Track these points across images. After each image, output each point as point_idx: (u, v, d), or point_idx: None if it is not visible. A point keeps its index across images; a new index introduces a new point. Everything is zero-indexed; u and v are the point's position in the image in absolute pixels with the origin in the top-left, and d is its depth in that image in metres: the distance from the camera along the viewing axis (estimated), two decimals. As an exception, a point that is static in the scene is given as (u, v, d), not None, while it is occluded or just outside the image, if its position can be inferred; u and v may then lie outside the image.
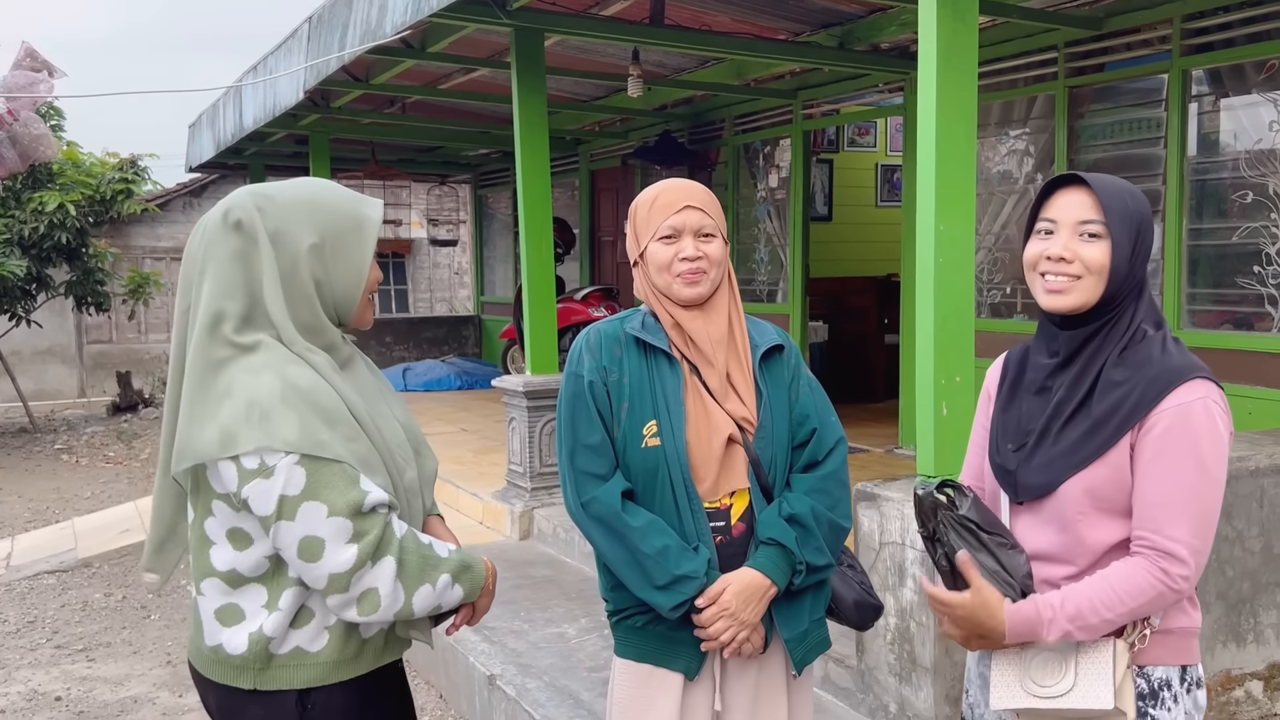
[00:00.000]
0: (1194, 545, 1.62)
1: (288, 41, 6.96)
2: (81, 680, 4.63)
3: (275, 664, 1.71)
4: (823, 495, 2.01)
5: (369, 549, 1.63)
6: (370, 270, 1.80)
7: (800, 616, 2.02)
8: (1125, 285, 1.69)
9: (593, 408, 1.98)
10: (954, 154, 3.16)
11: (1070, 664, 1.67)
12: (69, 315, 15.08)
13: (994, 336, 6.23)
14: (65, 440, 11.57)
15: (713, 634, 1.93)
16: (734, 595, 1.93)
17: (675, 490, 1.95)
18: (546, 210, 5.81)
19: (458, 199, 12.67)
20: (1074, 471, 1.67)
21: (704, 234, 1.99)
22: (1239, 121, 5.14)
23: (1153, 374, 1.64)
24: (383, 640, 1.79)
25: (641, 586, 1.94)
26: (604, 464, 1.97)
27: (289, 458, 1.60)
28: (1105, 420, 1.65)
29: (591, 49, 6.94)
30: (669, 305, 2.01)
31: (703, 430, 1.96)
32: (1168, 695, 1.69)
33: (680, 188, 2.03)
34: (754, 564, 1.95)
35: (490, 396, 9.87)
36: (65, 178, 11.68)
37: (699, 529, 1.95)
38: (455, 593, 1.75)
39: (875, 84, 7.27)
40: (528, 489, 5.71)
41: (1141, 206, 1.72)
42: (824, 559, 2.00)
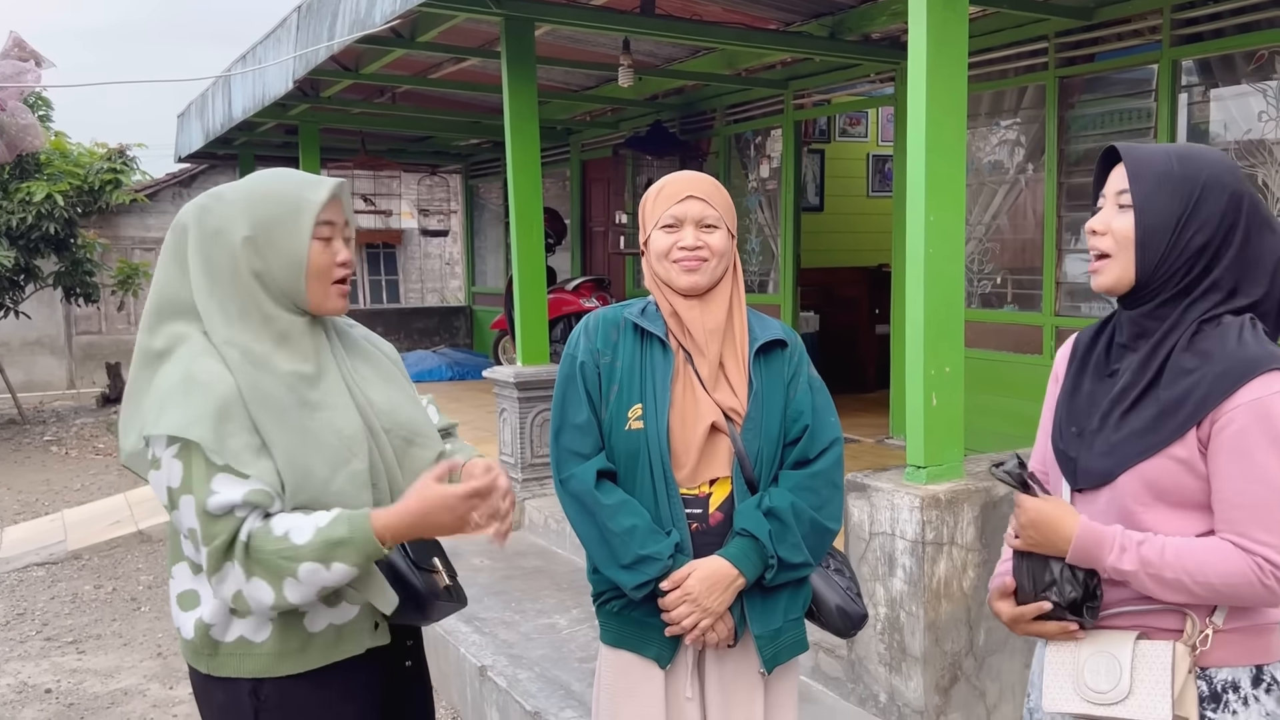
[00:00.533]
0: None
1: (276, 31, 6.92)
2: (71, 672, 4.62)
3: (223, 651, 1.76)
4: (808, 493, 2.00)
5: (217, 554, 1.64)
6: (316, 254, 1.76)
7: (774, 614, 2.01)
8: (1170, 259, 1.57)
9: (581, 388, 2.02)
10: (944, 144, 3.16)
11: (1125, 669, 1.57)
12: (58, 306, 15.01)
13: (984, 327, 6.24)
14: (54, 432, 11.53)
15: (675, 618, 1.94)
16: (698, 581, 1.93)
17: (654, 474, 1.96)
18: (537, 200, 5.80)
19: (448, 189, 12.63)
20: (1136, 461, 1.58)
21: (706, 224, 2.00)
22: (1229, 112, 5.15)
23: (1225, 365, 1.52)
24: (335, 635, 1.78)
25: (608, 564, 1.97)
26: (587, 443, 2.00)
27: (170, 449, 1.66)
28: (1172, 410, 1.55)
29: (582, 39, 6.91)
30: (669, 293, 2.03)
31: (687, 416, 1.97)
32: (1234, 698, 1.57)
33: (685, 178, 2.04)
34: (723, 553, 1.96)
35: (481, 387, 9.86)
36: (53, 168, 11.60)
37: (674, 514, 1.97)
38: (336, 572, 1.65)
39: (866, 74, 7.26)
40: (519, 480, 5.71)
41: (1196, 172, 1.57)
42: (800, 557, 1.98)
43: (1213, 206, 1.56)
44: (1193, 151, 1.61)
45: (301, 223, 1.75)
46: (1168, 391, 1.56)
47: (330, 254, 1.79)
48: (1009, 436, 5.46)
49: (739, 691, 2.03)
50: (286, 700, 1.77)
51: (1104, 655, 1.60)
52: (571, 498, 2.00)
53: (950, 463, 3.18)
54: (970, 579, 3.10)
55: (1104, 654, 1.60)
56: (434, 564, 1.86)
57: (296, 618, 1.75)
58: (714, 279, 2.01)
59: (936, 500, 3.03)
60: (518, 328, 5.81)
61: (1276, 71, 4.89)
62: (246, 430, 1.67)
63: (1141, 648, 1.58)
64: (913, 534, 3.02)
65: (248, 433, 1.67)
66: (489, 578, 4.78)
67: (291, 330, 1.77)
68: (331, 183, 1.80)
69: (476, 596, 4.47)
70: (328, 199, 1.77)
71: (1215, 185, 1.57)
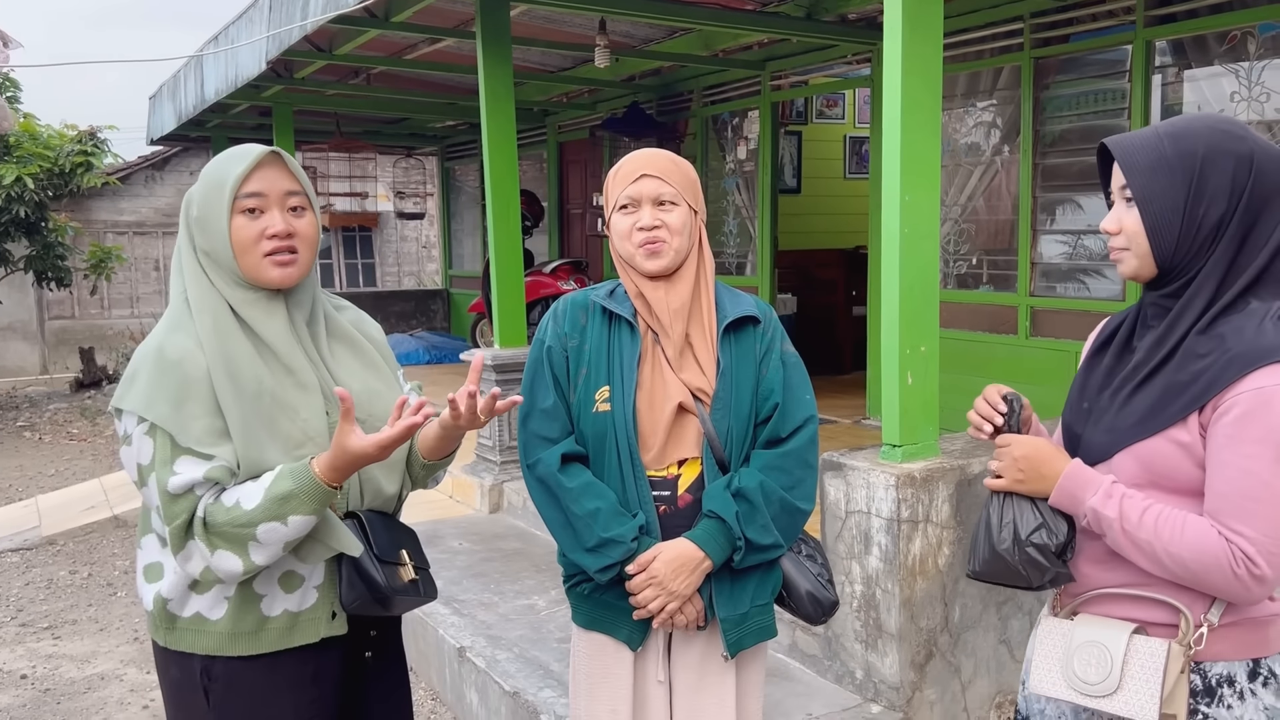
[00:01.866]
0: (1267, 545, 1.45)
1: (248, 11, 6.84)
2: (47, 658, 4.59)
3: (179, 626, 1.77)
4: (779, 473, 1.96)
5: (179, 533, 1.66)
6: (239, 227, 1.73)
7: (741, 598, 1.99)
8: (1188, 240, 1.52)
9: (549, 373, 2.01)
10: (919, 124, 3.17)
11: (1117, 663, 1.54)
12: (29, 291, 14.84)
13: (961, 308, 6.28)
14: (28, 417, 11.41)
15: (641, 602, 1.94)
16: (664, 564, 1.91)
17: (620, 456, 1.95)
18: (514, 183, 5.77)
19: (424, 171, 12.55)
20: (1132, 440, 1.55)
21: (662, 202, 1.96)
22: (1201, 93, 5.18)
23: (1237, 351, 1.47)
24: (290, 621, 1.78)
25: (573, 548, 1.96)
26: (555, 428, 1.99)
27: (141, 425, 1.67)
28: (1177, 392, 1.51)
29: (558, 19, 6.87)
30: (633, 275, 2.01)
31: (655, 397, 1.96)
32: (1229, 692, 1.54)
33: (640, 157, 2.01)
34: (690, 535, 1.94)
35: (459, 370, 9.84)
36: (22, 150, 11.44)
37: (641, 496, 1.95)
38: (294, 525, 1.66)
39: (843, 55, 7.26)
40: (497, 462, 5.71)
41: (1192, 147, 1.51)
42: (769, 538, 1.95)
43: (1219, 179, 1.50)
44: (1184, 126, 1.55)
45: (223, 197, 1.74)
46: (1177, 373, 1.52)
47: (256, 226, 1.75)
48: (984, 416, 5.49)
49: (709, 675, 2.02)
50: (236, 681, 1.77)
51: (1096, 646, 1.57)
52: (538, 482, 1.99)
53: (925, 441, 3.20)
54: (945, 556, 3.13)
55: (1096, 644, 1.57)
56: (400, 556, 1.84)
57: (254, 600, 1.76)
58: (678, 259, 1.97)
59: (912, 478, 3.05)
60: (495, 311, 5.80)
61: (1249, 52, 4.93)
62: (210, 412, 1.68)
63: (1136, 643, 1.55)
64: (888, 512, 3.05)
65: (211, 415, 1.68)
66: (468, 559, 4.79)
67: (245, 306, 1.76)
68: (257, 151, 1.76)
69: (455, 579, 4.47)
70: (247, 170, 1.74)
71: (1216, 155, 1.51)
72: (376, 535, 1.81)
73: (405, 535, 1.91)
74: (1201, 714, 1.55)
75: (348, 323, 1.95)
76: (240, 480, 1.69)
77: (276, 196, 1.77)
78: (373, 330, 2.00)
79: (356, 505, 1.84)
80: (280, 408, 1.73)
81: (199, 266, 1.77)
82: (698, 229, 2.02)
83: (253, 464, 1.69)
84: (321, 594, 1.80)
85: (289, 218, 1.78)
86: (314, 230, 1.82)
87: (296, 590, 1.78)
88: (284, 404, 1.74)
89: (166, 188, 16.40)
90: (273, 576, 1.76)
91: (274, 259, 1.76)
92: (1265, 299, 1.51)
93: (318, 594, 1.80)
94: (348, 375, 1.86)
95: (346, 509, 1.83)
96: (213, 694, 1.77)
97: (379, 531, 1.82)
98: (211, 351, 1.70)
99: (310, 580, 1.79)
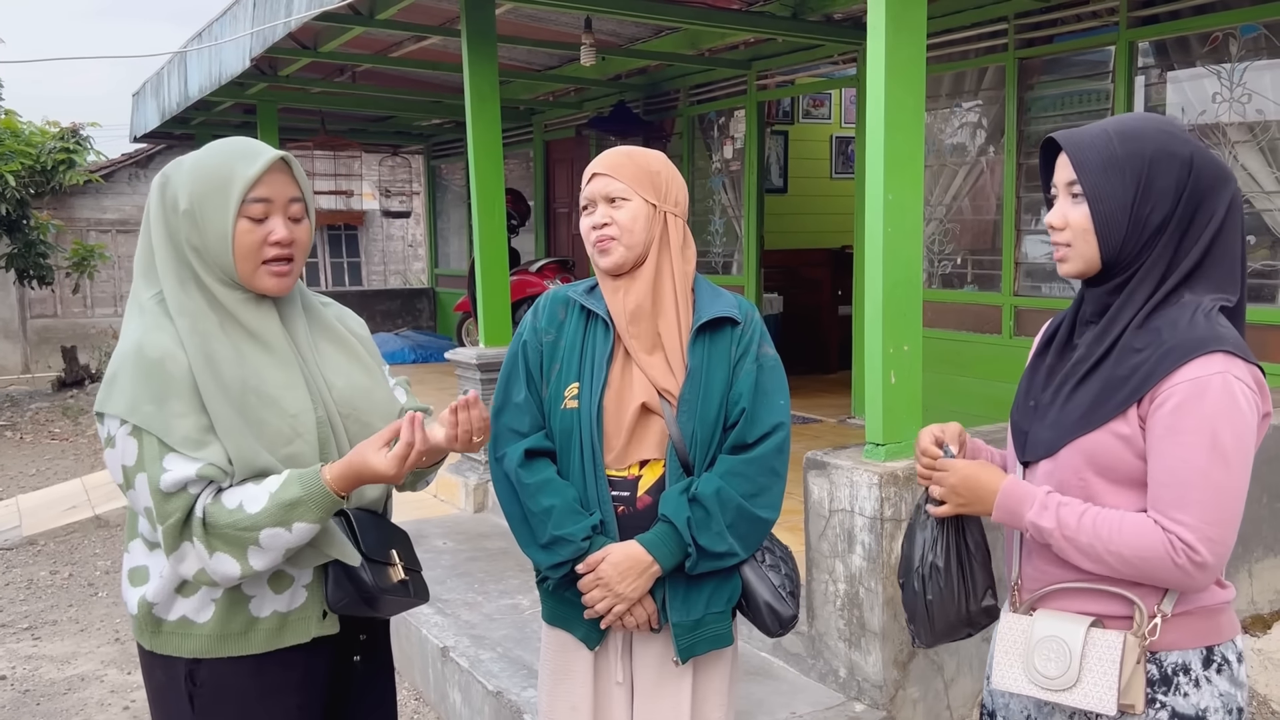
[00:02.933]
0: (1206, 532, 1.48)
1: (233, 7, 6.81)
2: (27, 659, 4.56)
3: (165, 629, 1.75)
4: (740, 480, 1.91)
5: (173, 532, 1.63)
6: (243, 232, 1.71)
7: (695, 605, 1.95)
8: (1134, 239, 1.55)
9: (523, 367, 2.01)
10: (902, 124, 3.17)
11: (1075, 656, 1.57)
12: (11, 289, 14.74)
13: (945, 307, 6.30)
14: (9, 417, 11.32)
15: (589, 601, 1.93)
16: (611, 566, 1.90)
17: (583, 453, 1.94)
18: (499, 181, 5.76)
19: (410, 170, 12.51)
20: (1076, 435, 1.58)
21: (613, 199, 1.95)
22: (1184, 94, 5.21)
23: (1172, 344, 1.51)
24: (279, 622, 1.76)
25: (528, 543, 1.97)
26: (525, 422, 1.99)
27: (123, 427, 1.65)
28: (1116, 386, 1.55)
29: (544, 17, 6.86)
30: (598, 273, 2.02)
31: (621, 396, 1.94)
32: (1185, 680, 1.57)
33: (598, 158, 2.01)
34: (641, 538, 1.92)
35: (444, 369, 9.80)
36: (4, 147, 11.34)
37: (599, 495, 1.94)
38: (298, 532, 1.65)
39: (829, 55, 7.28)
40: (481, 461, 5.69)
41: (1141, 148, 1.54)
42: (723, 546, 1.91)
43: (1165, 180, 1.54)
44: (1132, 126, 1.58)
45: (229, 199, 1.70)
46: (1116, 368, 1.56)
47: (260, 233, 1.72)
48: (969, 415, 5.50)
49: (666, 679, 2.01)
50: (222, 684, 1.75)
51: (1055, 641, 1.60)
52: (503, 476, 1.99)
53: (909, 440, 3.21)
54: (928, 555, 3.13)
55: (1055, 639, 1.60)
56: (390, 556, 1.82)
57: (242, 601, 1.74)
58: (634, 255, 1.94)
59: (895, 477, 3.06)
60: (480, 310, 5.78)
61: (1230, 54, 4.96)
62: (195, 410, 1.65)
63: (1093, 636, 1.57)
64: (871, 510, 3.05)
65: (196, 413, 1.65)
66: (452, 559, 4.77)
67: (237, 306, 1.74)
68: (268, 156, 1.72)
69: (439, 578, 4.46)
70: (259, 174, 1.70)
71: (1163, 156, 1.55)
72: (365, 534, 1.79)
73: (396, 536, 1.89)
74: (1159, 703, 1.57)
75: (333, 318, 1.93)
76: (239, 480, 1.67)
77: (281, 203, 1.74)
78: (356, 325, 1.98)
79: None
80: (266, 405, 1.71)
81: (182, 261, 1.73)
82: (659, 222, 1.96)
83: (246, 463, 1.67)
84: (311, 593, 1.78)
85: (290, 226, 1.75)
86: (309, 238, 1.81)
87: (286, 590, 1.76)
88: (270, 401, 1.71)
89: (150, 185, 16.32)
90: (262, 577, 1.74)
91: (271, 268, 1.74)
92: (1198, 293, 1.55)
93: (307, 593, 1.78)
94: (334, 371, 1.84)
95: None
96: (198, 698, 1.75)
97: (368, 530, 1.80)
98: (192, 349, 1.66)
99: (300, 579, 1.77)
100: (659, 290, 1.96)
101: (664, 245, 1.97)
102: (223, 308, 1.73)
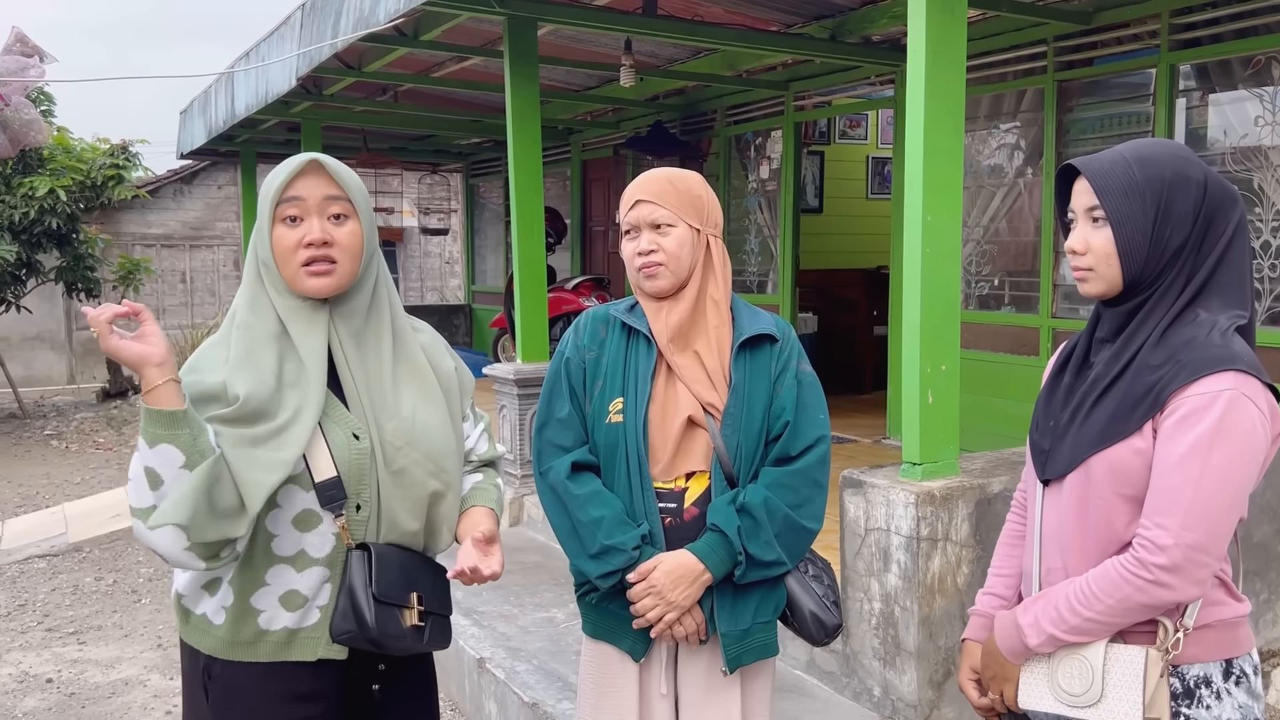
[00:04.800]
0: (1183, 537, 1.49)
1: (280, 28, 6.96)
2: (72, 663, 4.65)
3: (191, 621, 1.82)
4: (786, 491, 1.97)
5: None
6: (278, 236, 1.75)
7: (743, 614, 1.99)
8: (1154, 261, 1.59)
9: (565, 383, 2.06)
10: (941, 146, 3.20)
11: (1098, 672, 1.58)
12: (59, 301, 15.03)
13: (982, 329, 6.28)
14: (55, 426, 11.55)
15: (640, 610, 1.95)
16: (663, 574, 1.93)
17: (629, 466, 1.98)
18: (538, 200, 5.83)
19: (449, 188, 12.67)
20: (1093, 450, 1.60)
21: (658, 226, 1.99)
22: (1226, 117, 5.19)
23: (1186, 360, 1.53)
24: (287, 637, 1.78)
25: (577, 554, 2.00)
26: (569, 437, 2.03)
27: None
28: (1133, 403, 1.57)
29: (584, 39, 6.95)
30: (641, 295, 2.08)
31: (666, 410, 1.99)
32: (1207, 693, 1.59)
33: (639, 183, 2.05)
34: (692, 547, 1.95)
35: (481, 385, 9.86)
36: (56, 163, 11.63)
37: (646, 506, 1.98)
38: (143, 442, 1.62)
39: (867, 76, 7.30)
40: (518, 476, 5.74)
41: (1159, 173, 1.59)
42: (771, 555, 1.95)
43: (1184, 204, 1.59)
44: (1149, 152, 1.63)
45: (268, 204, 1.76)
46: (1132, 385, 1.59)
47: (295, 234, 1.74)
48: (1005, 437, 5.49)
49: (714, 690, 2.03)
50: (233, 684, 1.79)
51: (1077, 658, 1.61)
52: (549, 490, 2.04)
53: (945, 460, 3.22)
54: (964, 575, 3.14)
55: (1077, 656, 1.61)
56: (408, 599, 1.77)
57: (251, 615, 1.77)
58: (677, 280, 2.01)
59: (931, 497, 3.07)
60: (518, 326, 5.84)
61: (1273, 77, 4.94)
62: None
63: (1114, 652, 1.59)
64: (908, 530, 3.06)
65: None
66: (488, 572, 4.82)
67: (290, 314, 1.77)
68: (297, 160, 1.76)
69: (475, 590, 4.50)
70: (288, 178, 1.74)
71: (1180, 181, 1.59)
72: (384, 572, 1.75)
73: (427, 576, 1.84)
74: (1183, 716, 1.59)
75: (416, 346, 1.89)
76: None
77: (316, 204, 1.74)
78: (438, 358, 1.92)
79: (373, 537, 1.79)
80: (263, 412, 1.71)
81: (255, 275, 1.80)
82: (701, 245, 2.02)
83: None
84: (324, 615, 1.78)
85: (328, 225, 1.75)
86: (356, 239, 1.78)
87: (298, 609, 1.77)
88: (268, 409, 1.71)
89: (194, 201, 16.60)
90: (273, 595, 1.76)
91: (310, 269, 1.74)
92: (1213, 310, 1.59)
93: (320, 614, 1.78)
94: (399, 400, 1.81)
95: (362, 539, 1.78)
96: (211, 692, 1.80)
97: (389, 568, 1.76)
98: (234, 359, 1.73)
99: (314, 600, 1.78)
100: (701, 309, 2.02)
101: (707, 267, 2.03)
102: (279, 319, 1.78)
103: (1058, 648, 1.63)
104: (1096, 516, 1.62)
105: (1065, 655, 1.62)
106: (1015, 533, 1.89)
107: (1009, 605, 1.82)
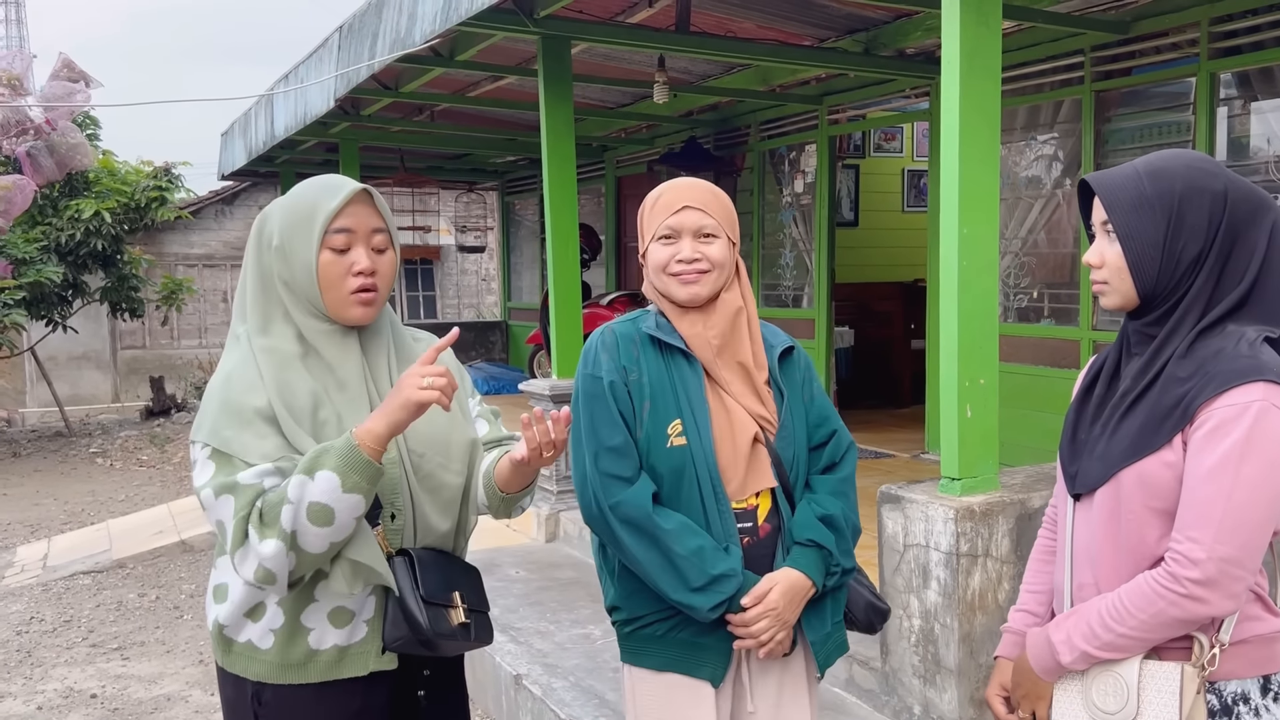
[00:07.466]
0: (1216, 550, 1.47)
1: (318, 51, 7.07)
2: (116, 678, 4.71)
3: (234, 650, 1.81)
4: (843, 498, 2.04)
5: (238, 530, 1.66)
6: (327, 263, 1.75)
7: (824, 619, 2.03)
8: (1168, 274, 1.57)
9: (614, 408, 1.94)
10: (977, 158, 3.18)
11: (1133, 689, 1.56)
12: (104, 321, 15.31)
13: (1021, 341, 6.21)
14: (100, 444, 11.74)
15: (755, 633, 1.91)
16: (780, 594, 1.92)
17: (703, 490, 1.92)
18: (573, 216, 5.86)
19: (485, 206, 12.77)
20: (1123, 464, 1.58)
21: (704, 234, 1.95)
22: (1269, 125, 5.11)
23: (1215, 371, 1.52)
24: (338, 655, 1.78)
25: (677, 589, 1.89)
26: (628, 466, 1.93)
27: (205, 450, 1.72)
28: (1163, 415, 1.55)
29: (618, 56, 6.99)
30: (667, 306, 2.00)
31: (728, 429, 1.94)
32: (1245, 710, 1.57)
33: (681, 187, 1.99)
34: (794, 564, 1.95)
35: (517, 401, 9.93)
36: (101, 185, 11.88)
37: (727, 529, 1.92)
38: (321, 481, 1.62)
39: (901, 89, 7.28)
40: (554, 492, 5.75)
41: (1170, 185, 1.57)
42: (851, 562, 2.04)
43: (1196, 216, 1.56)
44: (1161, 165, 1.61)
45: (313, 231, 1.76)
46: (1160, 397, 1.57)
47: (344, 263, 1.77)
48: (1046, 451, 5.41)
49: (786, 701, 2.04)
50: (285, 708, 1.79)
51: (1111, 675, 1.59)
52: (624, 524, 1.91)
53: (985, 475, 3.18)
54: (1005, 591, 3.09)
55: (1111, 673, 1.59)
56: (451, 598, 1.81)
57: (302, 634, 1.77)
58: (714, 290, 1.96)
59: (971, 512, 3.03)
60: (553, 342, 5.87)
61: (1317, 84, 4.86)
62: (275, 434, 1.72)
63: (1149, 668, 1.57)
64: (947, 546, 3.03)
65: (276, 435, 1.72)
66: (524, 588, 4.83)
67: (320, 339, 1.79)
68: (349, 188, 1.77)
69: (512, 606, 4.51)
70: (340, 206, 1.75)
71: (1192, 193, 1.57)
72: (426, 575, 1.78)
73: (463, 575, 1.88)
74: None
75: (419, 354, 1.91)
76: None
77: (364, 234, 1.78)
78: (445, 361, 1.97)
79: (410, 543, 1.82)
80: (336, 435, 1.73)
81: (271, 296, 1.79)
82: (734, 260, 2.01)
83: None
84: (371, 628, 1.80)
85: (373, 256, 1.79)
86: (393, 269, 1.84)
87: (346, 625, 1.79)
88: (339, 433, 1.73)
89: (235, 222, 16.85)
90: (322, 611, 1.77)
91: (358, 297, 1.78)
92: (1242, 323, 1.57)
93: (368, 628, 1.80)
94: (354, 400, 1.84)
95: (400, 546, 1.80)
96: (262, 718, 1.80)
97: (430, 571, 1.79)
98: (269, 380, 1.73)
99: (361, 615, 1.80)
100: (738, 322, 1.99)
101: (738, 279, 2.03)
102: (307, 341, 1.79)
103: (1091, 665, 1.61)
104: (1128, 531, 1.59)
105: (1099, 672, 1.60)
106: (1046, 548, 1.88)
107: (1041, 622, 1.80)
